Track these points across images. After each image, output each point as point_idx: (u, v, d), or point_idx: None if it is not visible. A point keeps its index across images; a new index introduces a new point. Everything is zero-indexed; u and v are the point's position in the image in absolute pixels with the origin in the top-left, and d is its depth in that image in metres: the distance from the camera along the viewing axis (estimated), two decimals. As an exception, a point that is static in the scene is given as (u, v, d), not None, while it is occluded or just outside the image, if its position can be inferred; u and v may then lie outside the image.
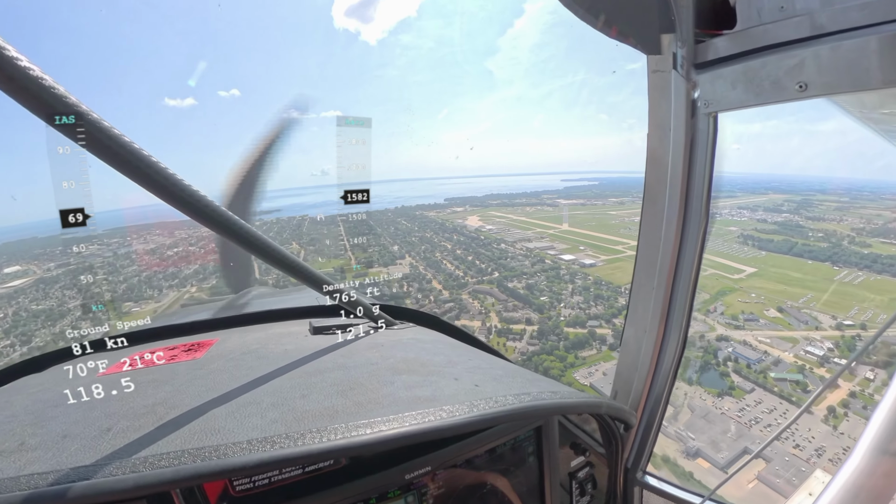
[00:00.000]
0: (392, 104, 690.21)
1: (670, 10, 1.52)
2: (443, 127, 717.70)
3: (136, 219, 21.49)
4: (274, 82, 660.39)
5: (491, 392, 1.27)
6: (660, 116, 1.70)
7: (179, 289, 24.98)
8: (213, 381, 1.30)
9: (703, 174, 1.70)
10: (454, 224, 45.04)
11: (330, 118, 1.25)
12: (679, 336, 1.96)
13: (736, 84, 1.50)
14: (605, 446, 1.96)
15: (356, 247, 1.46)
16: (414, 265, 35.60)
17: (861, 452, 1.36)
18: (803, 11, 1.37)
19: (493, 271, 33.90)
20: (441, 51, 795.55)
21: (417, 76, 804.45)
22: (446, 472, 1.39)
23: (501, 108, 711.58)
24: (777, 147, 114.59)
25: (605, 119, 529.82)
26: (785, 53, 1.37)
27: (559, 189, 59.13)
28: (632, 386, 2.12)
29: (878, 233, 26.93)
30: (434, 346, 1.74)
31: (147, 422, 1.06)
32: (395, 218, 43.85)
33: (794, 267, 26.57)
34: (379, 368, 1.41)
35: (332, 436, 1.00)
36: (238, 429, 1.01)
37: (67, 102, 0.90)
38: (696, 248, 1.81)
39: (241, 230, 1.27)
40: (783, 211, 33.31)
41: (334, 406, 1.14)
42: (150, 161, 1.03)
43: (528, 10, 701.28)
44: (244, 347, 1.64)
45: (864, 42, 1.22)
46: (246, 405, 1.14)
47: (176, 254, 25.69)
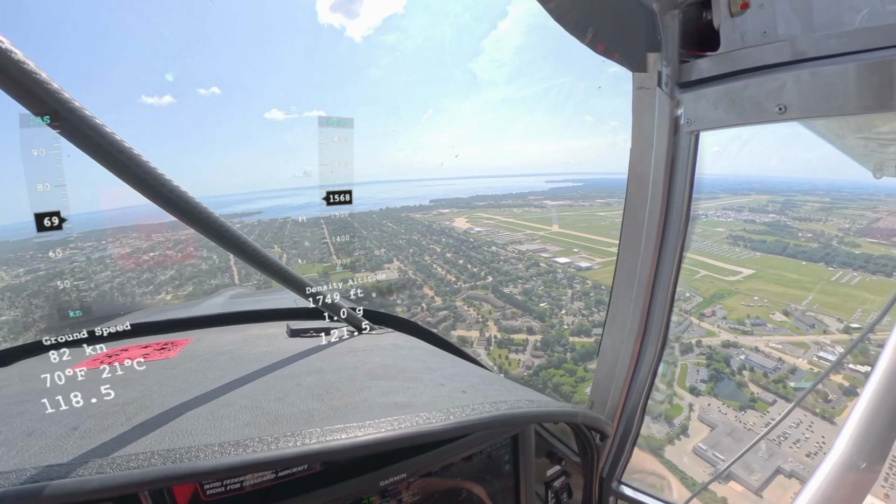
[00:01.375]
0: (377, 105, 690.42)
1: (657, 30, 1.56)
2: (427, 128, 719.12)
3: (112, 221, 21.02)
4: (256, 80, 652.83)
5: (468, 400, 1.28)
6: (643, 132, 1.74)
7: (154, 296, 24.28)
8: (185, 382, 1.28)
9: (683, 191, 1.74)
10: (441, 226, 44.60)
11: (313, 118, 1.25)
12: (656, 348, 1.99)
13: (718, 104, 1.54)
14: (580, 456, 1.97)
15: (341, 250, 1.46)
16: (402, 269, 34.71)
17: (830, 466, 1.40)
18: (785, 37, 1.41)
19: (486, 275, 33.07)
20: (425, 52, 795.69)
21: (402, 77, 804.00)
22: (422, 479, 1.39)
23: (485, 110, 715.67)
24: (757, 149, 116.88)
25: (587, 121, 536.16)
26: (766, 76, 1.42)
27: (544, 190, 59.53)
28: (608, 396, 2.14)
29: (866, 232, 27.37)
30: (412, 353, 1.74)
31: (116, 421, 1.04)
32: (380, 220, 43.55)
33: (790, 268, 26.59)
34: (356, 373, 1.41)
35: (306, 440, 0.99)
36: (210, 431, 0.99)
37: (61, 98, 0.88)
38: (673, 262, 1.85)
39: (221, 229, 1.25)
40: (769, 211, 33.65)
41: (310, 410, 1.13)
42: (138, 159, 1.01)
43: (511, 13, 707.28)
44: (219, 348, 1.62)
45: (842, 69, 1.27)
46: (219, 407, 1.12)
47: (152, 258, 25.04)
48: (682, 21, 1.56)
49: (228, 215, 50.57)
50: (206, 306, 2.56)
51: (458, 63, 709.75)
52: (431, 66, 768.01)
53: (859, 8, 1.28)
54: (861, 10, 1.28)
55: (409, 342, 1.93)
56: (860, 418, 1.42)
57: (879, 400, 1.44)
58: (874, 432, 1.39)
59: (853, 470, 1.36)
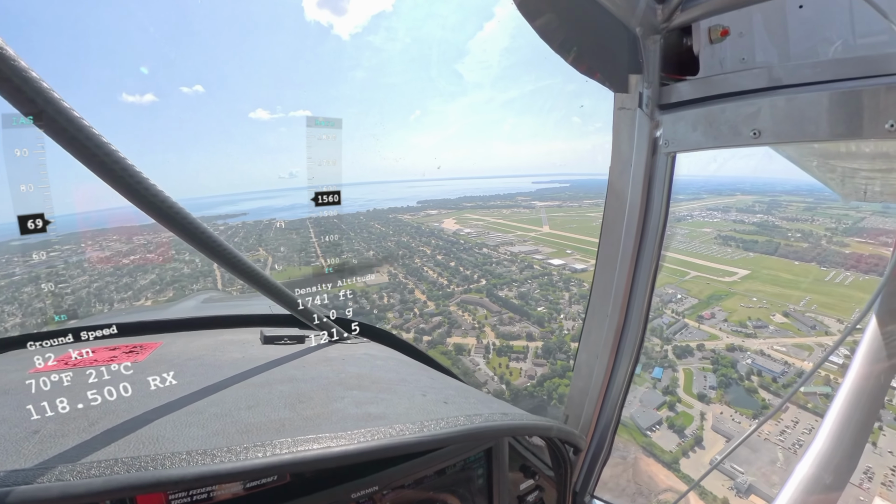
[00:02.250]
0: (364, 105, 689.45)
1: (639, 53, 1.61)
2: (414, 130, 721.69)
3: (91, 223, 20.31)
4: (240, 79, 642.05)
5: (442, 412, 1.27)
6: (622, 151, 1.78)
7: (133, 301, 23.40)
8: (153, 387, 1.25)
9: (660, 210, 1.78)
10: (430, 227, 44.29)
11: (299, 118, 1.24)
12: (629, 364, 2.02)
13: (696, 126, 1.58)
14: (554, 470, 1.98)
15: (328, 252, 1.44)
16: (393, 273, 33.90)
17: (796, 485, 1.43)
18: (762, 64, 1.47)
19: (479, 278, 32.42)
20: (412, 51, 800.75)
21: (388, 78, 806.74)
22: (394, 492, 1.37)
23: (472, 111, 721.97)
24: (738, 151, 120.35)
25: (572, 123, 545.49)
26: (743, 101, 1.46)
27: (531, 191, 59.97)
28: (583, 410, 2.16)
29: (853, 232, 27.90)
30: (387, 363, 1.72)
31: (78, 426, 1.00)
32: (367, 222, 43.10)
33: (784, 268, 26.67)
34: (330, 383, 1.39)
35: (276, 450, 0.97)
36: (178, 439, 0.97)
37: (49, 97, 0.86)
38: (648, 279, 1.89)
39: (201, 233, 1.23)
40: (756, 212, 34.05)
41: (281, 419, 1.11)
42: (124, 162, 0.99)
43: (497, 14, 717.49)
44: (189, 353, 1.58)
45: (816, 97, 1.32)
46: (188, 414, 1.09)
47: (132, 261, 24.16)
48: (663, 46, 1.60)
49: (212, 217, 48.74)
50: (178, 309, 2.50)
51: (445, 64, 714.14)
52: (418, 66, 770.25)
53: (833, 40, 1.34)
54: (834, 41, 1.34)
55: (385, 352, 1.91)
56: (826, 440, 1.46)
57: (843, 423, 1.48)
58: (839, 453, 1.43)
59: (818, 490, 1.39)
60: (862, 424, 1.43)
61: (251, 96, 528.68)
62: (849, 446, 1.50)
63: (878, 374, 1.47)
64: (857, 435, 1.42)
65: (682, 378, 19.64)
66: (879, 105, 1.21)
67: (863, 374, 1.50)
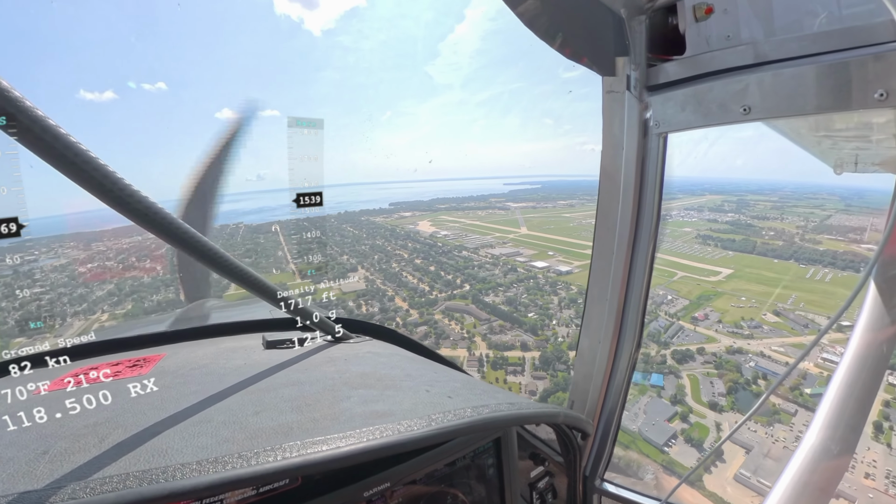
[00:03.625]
0: (336, 106, 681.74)
1: (625, 35, 1.60)
2: (387, 131, 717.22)
3: (73, 226, 19.58)
4: (206, 76, 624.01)
5: (449, 405, 1.28)
6: (613, 135, 1.78)
7: (88, 315, 21.49)
8: (160, 399, 1.24)
9: (654, 191, 1.78)
10: (406, 230, 43.34)
11: (267, 118, 1.22)
12: (632, 345, 2.03)
13: (685, 106, 1.58)
14: (563, 455, 1.99)
15: (300, 257, 1.43)
16: (370, 278, 32.22)
17: (805, 452, 1.45)
18: (748, 41, 1.46)
19: (462, 283, 30.72)
20: (384, 52, 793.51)
21: (359, 78, 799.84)
22: (406, 487, 1.38)
23: (443, 112, 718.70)
24: (707, 151, 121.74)
25: (542, 125, 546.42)
26: (731, 79, 1.46)
27: (504, 193, 59.56)
28: (588, 395, 2.17)
29: (822, 230, 28.05)
30: (390, 360, 1.73)
31: (88, 443, 1.00)
32: (339, 224, 42.25)
33: (765, 266, 26.51)
34: (335, 383, 1.39)
35: (286, 453, 0.97)
36: (187, 449, 0.97)
37: (9, 97, 0.84)
38: (646, 261, 1.89)
39: (188, 236, 1.21)
40: (727, 211, 34.13)
41: (289, 423, 1.11)
42: (95, 161, 0.97)
43: (469, 16, 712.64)
44: (193, 363, 1.58)
45: (802, 71, 1.32)
46: (195, 424, 1.09)
47: (90, 270, 22.63)
48: (648, 26, 1.60)
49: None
50: (179, 320, 2.50)
51: (416, 65, 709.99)
52: (389, 67, 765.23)
53: (817, 12, 1.34)
54: (819, 14, 1.33)
55: (388, 350, 1.92)
56: (830, 407, 1.47)
57: (847, 390, 1.50)
58: (844, 420, 1.44)
59: (827, 456, 1.41)
60: (856, 414, 1.44)
61: (217, 94, 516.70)
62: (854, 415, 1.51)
63: (871, 365, 1.49)
64: (852, 424, 1.44)
65: (688, 385, 18.95)
66: (867, 75, 1.21)
67: (854, 366, 1.52)
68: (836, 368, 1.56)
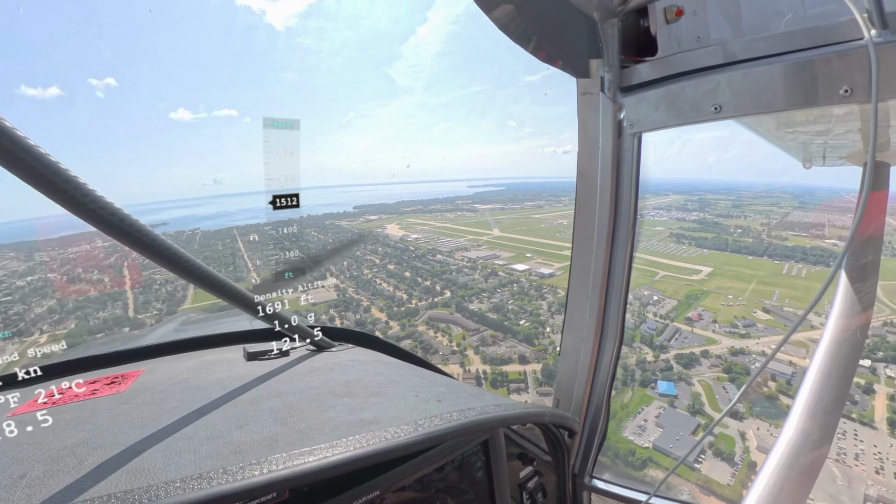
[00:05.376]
0: (293, 109, 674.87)
1: (598, 38, 1.63)
2: (347, 133, 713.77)
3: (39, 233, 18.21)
4: (159, 71, 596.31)
5: (435, 410, 1.27)
6: (589, 135, 1.80)
7: (22, 338, 18.71)
8: (139, 416, 1.22)
9: (630, 190, 1.81)
10: (374, 234, 42.08)
11: (223, 118, 1.20)
12: (615, 342, 2.05)
13: (658, 106, 1.61)
14: (551, 454, 2.00)
15: (262, 264, 1.41)
16: (341, 287, 29.97)
17: (787, 438, 1.48)
18: (717, 41, 1.50)
19: (443, 290, 29.01)
20: (344, 53, 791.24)
21: (320, 79, 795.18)
22: (395, 494, 1.37)
23: (404, 115, 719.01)
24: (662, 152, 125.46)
25: (505, 128, 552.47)
26: (702, 79, 1.50)
27: (470, 195, 59.38)
28: (573, 393, 2.19)
29: (786, 226, 28.63)
30: (375, 367, 1.72)
31: (67, 465, 0.97)
32: (302, 229, 41.08)
33: (741, 264, 26.50)
34: (319, 393, 1.38)
35: (272, 466, 0.96)
36: (170, 467, 0.95)
37: None
38: (625, 258, 1.92)
39: (154, 242, 1.14)
40: (691, 210, 34.59)
41: (274, 435, 1.10)
42: (45, 158, 0.92)
43: (431, 19, 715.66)
44: (174, 377, 1.55)
45: (771, 69, 1.36)
46: (178, 441, 1.07)
47: (29, 283, 19.87)
48: (621, 29, 1.63)
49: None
50: (156, 335, 2.45)
51: (378, 67, 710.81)
52: (351, 69, 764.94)
53: (784, 13, 1.38)
54: (785, 14, 1.38)
55: (371, 357, 1.91)
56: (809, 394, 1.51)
57: (825, 376, 1.53)
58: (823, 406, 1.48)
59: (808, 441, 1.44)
60: (834, 399, 1.48)
61: (171, 93, 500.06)
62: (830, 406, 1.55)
63: (846, 351, 1.53)
64: (831, 409, 1.48)
65: (703, 393, 17.98)
66: (832, 72, 1.25)
67: (830, 352, 1.56)
68: (813, 356, 1.60)
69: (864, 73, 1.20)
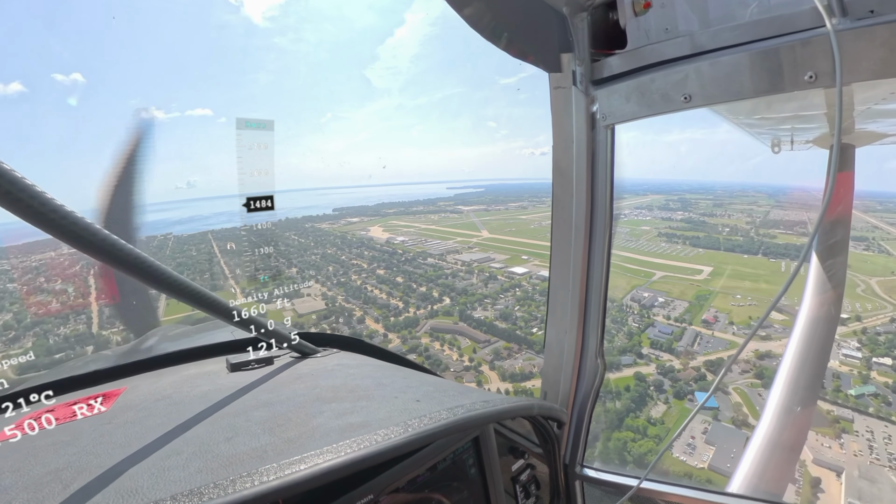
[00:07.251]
0: (270, 108, 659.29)
1: (568, 32, 1.65)
2: (323, 134, 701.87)
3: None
4: (129, 66, 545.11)
5: (424, 409, 1.27)
6: (563, 129, 1.82)
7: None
8: (124, 436, 1.19)
9: (605, 181, 1.84)
10: (358, 237, 40.01)
11: (197, 117, 1.17)
12: (597, 331, 2.08)
13: (630, 98, 1.64)
14: (542, 446, 2.02)
15: (242, 271, 1.38)
16: (328, 295, 27.43)
17: (770, 414, 1.52)
18: (685, 32, 1.53)
19: (441, 296, 26.76)
20: (321, 54, 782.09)
21: (295, 80, 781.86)
22: (389, 496, 1.37)
23: (380, 117, 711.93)
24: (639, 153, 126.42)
25: (483, 130, 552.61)
26: (671, 69, 1.53)
27: (451, 196, 58.20)
28: (559, 385, 2.22)
29: (770, 224, 28.95)
30: (361, 370, 1.71)
31: (52, 491, 0.94)
32: (281, 232, 37.99)
33: (739, 262, 25.91)
34: (306, 400, 1.36)
35: (264, 477, 0.95)
36: (159, 485, 0.93)
37: None
38: (603, 248, 1.95)
39: (121, 252, 1.09)
40: (675, 209, 34.46)
41: (263, 446, 1.08)
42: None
43: (408, 20, 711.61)
44: (156, 394, 1.52)
45: (738, 58, 1.40)
46: (165, 458, 1.05)
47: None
48: (591, 22, 1.65)
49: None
50: (136, 351, 2.39)
51: (354, 68, 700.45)
52: (327, 69, 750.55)
53: (748, 3, 1.42)
54: (750, 4, 1.41)
55: (357, 360, 1.90)
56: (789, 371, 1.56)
57: (803, 353, 1.58)
58: (803, 381, 1.53)
59: (790, 416, 1.49)
60: (813, 375, 1.53)
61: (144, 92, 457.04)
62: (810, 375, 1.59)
63: (822, 327, 1.58)
64: (810, 384, 1.52)
65: (742, 403, 17.11)
66: (797, 59, 1.29)
67: (807, 329, 1.60)
68: (791, 334, 1.65)
69: (827, 59, 1.23)
